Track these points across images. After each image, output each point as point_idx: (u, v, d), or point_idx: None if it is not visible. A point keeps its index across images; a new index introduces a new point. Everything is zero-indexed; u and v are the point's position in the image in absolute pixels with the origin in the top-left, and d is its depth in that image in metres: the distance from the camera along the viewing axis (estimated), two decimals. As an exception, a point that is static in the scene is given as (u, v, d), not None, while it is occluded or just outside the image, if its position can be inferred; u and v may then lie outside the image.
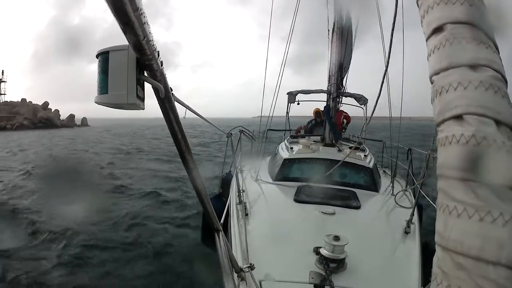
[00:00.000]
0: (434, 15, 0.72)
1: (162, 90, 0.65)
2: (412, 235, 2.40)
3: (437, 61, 0.70)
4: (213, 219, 1.27)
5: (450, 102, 0.66)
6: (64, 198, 6.10)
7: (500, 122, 0.61)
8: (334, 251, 1.75)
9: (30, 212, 6.22)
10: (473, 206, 0.58)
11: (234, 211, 2.68)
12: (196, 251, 4.44)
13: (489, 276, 0.56)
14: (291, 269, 1.82)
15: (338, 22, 4.99)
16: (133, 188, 8.22)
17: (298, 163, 3.87)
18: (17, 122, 39.90)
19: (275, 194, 3.34)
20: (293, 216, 2.72)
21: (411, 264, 2.03)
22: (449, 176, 0.63)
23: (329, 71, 5.18)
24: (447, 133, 0.65)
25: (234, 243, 2.14)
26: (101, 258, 4.28)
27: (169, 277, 3.84)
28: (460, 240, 0.59)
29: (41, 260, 4.20)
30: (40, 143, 22.14)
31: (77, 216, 5.31)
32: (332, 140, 4.69)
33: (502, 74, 0.66)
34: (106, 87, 0.57)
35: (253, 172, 3.94)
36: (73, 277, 3.80)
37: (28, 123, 40.61)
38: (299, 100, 6.52)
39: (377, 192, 3.52)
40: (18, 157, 15.12)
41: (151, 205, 6.77)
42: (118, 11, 0.43)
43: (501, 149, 0.59)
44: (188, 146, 0.84)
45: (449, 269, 0.61)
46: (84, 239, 4.83)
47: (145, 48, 0.53)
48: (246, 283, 1.53)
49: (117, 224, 5.52)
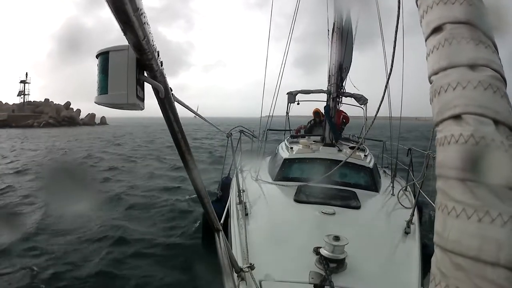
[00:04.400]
0: (434, 15, 0.72)
1: (162, 90, 0.65)
2: (412, 235, 2.40)
3: (436, 61, 0.70)
4: (213, 219, 1.27)
5: (449, 102, 0.66)
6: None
7: (498, 121, 0.61)
8: (334, 251, 1.75)
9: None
10: (472, 206, 0.58)
11: (234, 211, 2.68)
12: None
13: (488, 277, 0.55)
14: (291, 269, 1.82)
15: (338, 22, 4.99)
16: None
17: (298, 163, 3.87)
18: (44, 120, 44.04)
19: (275, 194, 3.34)
20: (293, 216, 2.72)
21: (411, 264, 2.03)
22: (447, 176, 0.63)
23: (329, 71, 5.18)
24: (446, 133, 0.65)
25: (234, 243, 2.13)
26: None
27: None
28: (458, 241, 0.59)
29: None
30: (97, 137, 26.57)
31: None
32: (332, 140, 4.69)
33: (501, 74, 0.66)
34: (106, 87, 0.57)
35: (253, 172, 3.94)
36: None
37: (53, 121, 45.14)
38: (299, 100, 6.52)
39: (377, 192, 3.52)
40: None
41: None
42: (118, 11, 0.43)
43: (499, 148, 0.59)
44: (188, 146, 0.84)
45: (447, 269, 0.61)
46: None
47: (145, 48, 0.53)
48: (246, 283, 1.53)
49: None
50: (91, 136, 28.45)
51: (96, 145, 20.39)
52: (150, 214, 6.15)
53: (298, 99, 6.51)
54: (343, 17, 5.04)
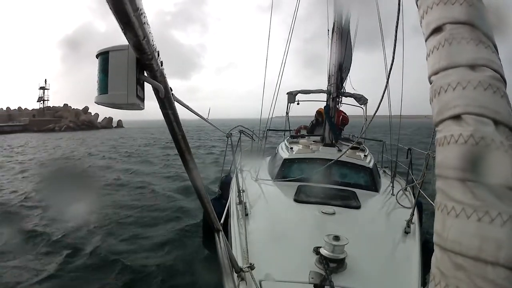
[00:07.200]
0: (434, 15, 0.72)
1: (162, 90, 0.65)
2: (412, 235, 2.40)
3: (436, 61, 0.70)
4: (213, 219, 1.27)
5: (449, 102, 0.66)
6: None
7: (498, 122, 0.61)
8: (334, 251, 1.75)
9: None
10: (471, 206, 0.58)
11: (234, 211, 2.68)
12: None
13: (488, 277, 0.55)
14: (291, 269, 1.82)
15: (338, 22, 4.99)
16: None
17: (298, 163, 3.87)
18: (64, 124, 46.81)
19: (275, 194, 3.34)
20: (293, 216, 2.71)
21: (411, 264, 2.03)
22: (447, 176, 0.63)
23: (328, 71, 5.18)
24: (446, 133, 0.65)
25: (234, 243, 2.13)
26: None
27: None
28: (458, 240, 0.59)
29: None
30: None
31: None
32: (332, 140, 4.69)
33: (501, 74, 0.66)
34: (106, 87, 0.57)
35: (253, 172, 3.94)
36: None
37: (73, 125, 47.80)
38: (299, 100, 6.52)
39: (377, 192, 3.52)
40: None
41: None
42: (118, 11, 0.43)
43: (499, 149, 0.59)
44: (188, 146, 0.84)
45: (447, 269, 0.61)
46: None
47: (145, 48, 0.53)
48: (246, 283, 1.53)
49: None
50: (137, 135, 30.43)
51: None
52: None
53: (298, 99, 6.52)
54: (343, 17, 5.04)
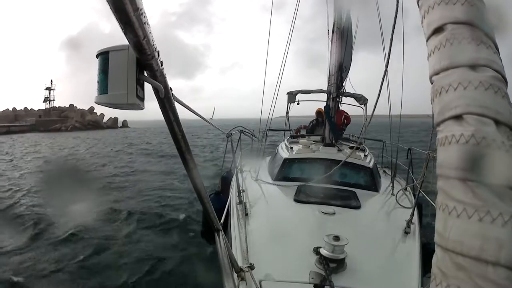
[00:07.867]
0: (435, 15, 0.72)
1: (162, 90, 0.65)
2: (412, 235, 2.40)
3: (437, 61, 0.70)
4: (213, 219, 1.27)
5: (450, 102, 0.66)
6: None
7: (499, 122, 0.61)
8: (334, 251, 1.75)
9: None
10: (472, 206, 0.58)
11: (234, 211, 2.68)
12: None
13: (489, 276, 0.55)
14: (291, 269, 1.82)
15: (338, 22, 4.99)
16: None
17: (298, 163, 3.86)
18: (71, 124, 47.55)
19: (275, 194, 3.34)
20: (293, 216, 2.71)
21: (411, 264, 2.03)
22: (448, 176, 0.63)
23: (328, 71, 5.18)
24: (447, 133, 0.65)
25: (234, 243, 2.13)
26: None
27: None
28: (459, 240, 0.59)
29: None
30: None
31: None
32: (332, 140, 4.69)
33: (502, 74, 0.66)
34: (106, 87, 0.57)
35: (253, 172, 3.93)
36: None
37: (79, 125, 48.54)
38: (299, 100, 6.52)
39: (377, 192, 3.52)
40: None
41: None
42: (118, 11, 0.43)
43: (500, 149, 0.59)
44: (188, 146, 0.84)
45: (448, 269, 0.61)
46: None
47: (145, 48, 0.53)
48: (246, 283, 1.53)
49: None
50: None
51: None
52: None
53: (298, 99, 6.52)
54: (343, 17, 5.03)
